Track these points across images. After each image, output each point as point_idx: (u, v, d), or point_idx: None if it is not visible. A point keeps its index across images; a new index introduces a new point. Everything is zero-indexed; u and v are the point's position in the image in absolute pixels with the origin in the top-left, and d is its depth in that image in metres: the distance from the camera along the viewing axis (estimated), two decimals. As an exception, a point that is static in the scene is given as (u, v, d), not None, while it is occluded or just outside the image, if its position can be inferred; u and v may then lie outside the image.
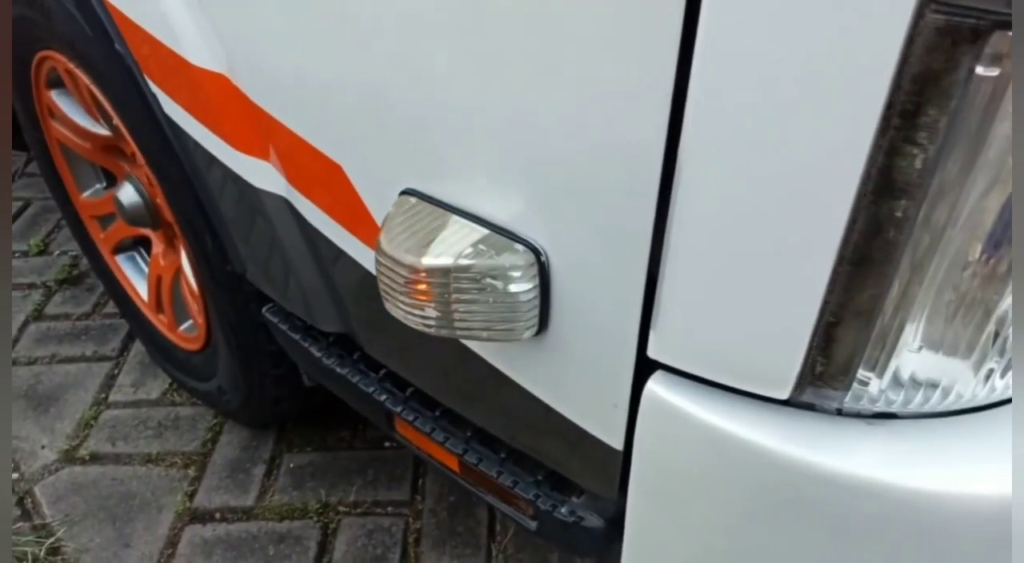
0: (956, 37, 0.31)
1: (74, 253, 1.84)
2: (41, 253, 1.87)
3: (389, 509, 1.27)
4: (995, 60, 0.32)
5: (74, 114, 1.23)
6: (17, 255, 1.88)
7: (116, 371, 1.54)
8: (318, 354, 0.82)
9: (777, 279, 0.42)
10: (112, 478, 1.33)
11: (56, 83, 1.22)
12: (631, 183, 0.44)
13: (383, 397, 0.75)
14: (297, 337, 0.84)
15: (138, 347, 1.57)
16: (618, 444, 0.56)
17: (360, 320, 0.73)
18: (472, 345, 0.60)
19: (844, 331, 0.42)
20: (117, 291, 1.46)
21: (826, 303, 0.41)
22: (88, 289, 1.74)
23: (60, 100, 1.24)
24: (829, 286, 0.40)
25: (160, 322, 1.36)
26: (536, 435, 0.62)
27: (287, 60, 0.63)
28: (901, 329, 0.42)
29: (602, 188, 0.45)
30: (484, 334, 0.53)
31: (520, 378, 0.59)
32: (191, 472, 1.34)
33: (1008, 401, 0.49)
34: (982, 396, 0.46)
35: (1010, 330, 0.42)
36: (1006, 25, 0.31)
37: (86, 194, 1.40)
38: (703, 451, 0.51)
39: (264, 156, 0.72)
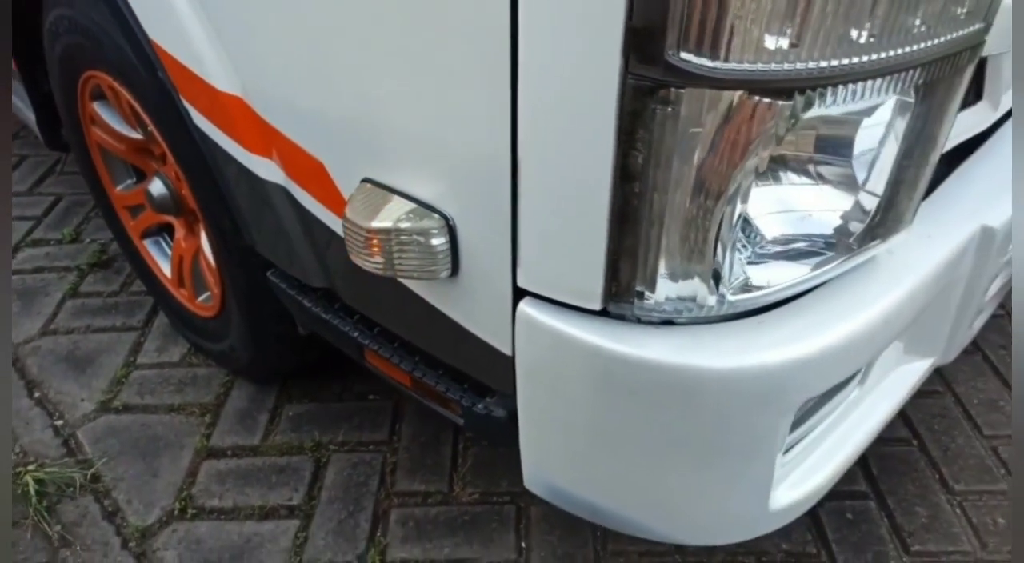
0: (642, 91, 0.58)
1: (102, 241, 2.11)
2: (73, 241, 2.14)
3: (371, 447, 1.53)
4: (666, 102, 0.58)
5: (113, 121, 1.50)
6: (52, 243, 2.15)
7: (142, 339, 1.81)
8: (309, 305, 1.09)
9: (581, 232, 0.68)
10: (142, 424, 1.60)
11: (98, 96, 1.49)
12: (496, 175, 0.70)
13: (356, 334, 1.03)
14: (293, 293, 1.11)
15: (161, 319, 1.84)
16: (508, 351, 0.83)
17: (337, 274, 1.00)
18: (410, 285, 0.87)
19: (623, 264, 0.69)
20: (144, 270, 1.73)
21: (609, 246, 0.67)
22: (116, 271, 2.01)
23: (101, 110, 1.50)
24: (608, 235, 0.67)
25: (181, 295, 1.63)
26: (458, 349, 0.89)
27: (285, 88, 0.90)
28: (656, 263, 0.68)
29: (480, 177, 0.72)
30: (415, 274, 0.80)
31: (444, 308, 0.86)
32: (207, 419, 1.60)
33: (752, 312, 0.75)
34: (724, 308, 0.73)
35: (725, 262, 0.69)
36: (668, 84, 0.57)
37: (119, 188, 1.67)
38: (556, 350, 0.77)
39: (269, 156, 0.99)
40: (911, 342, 1.02)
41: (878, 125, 0.74)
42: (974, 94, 0.87)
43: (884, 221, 0.79)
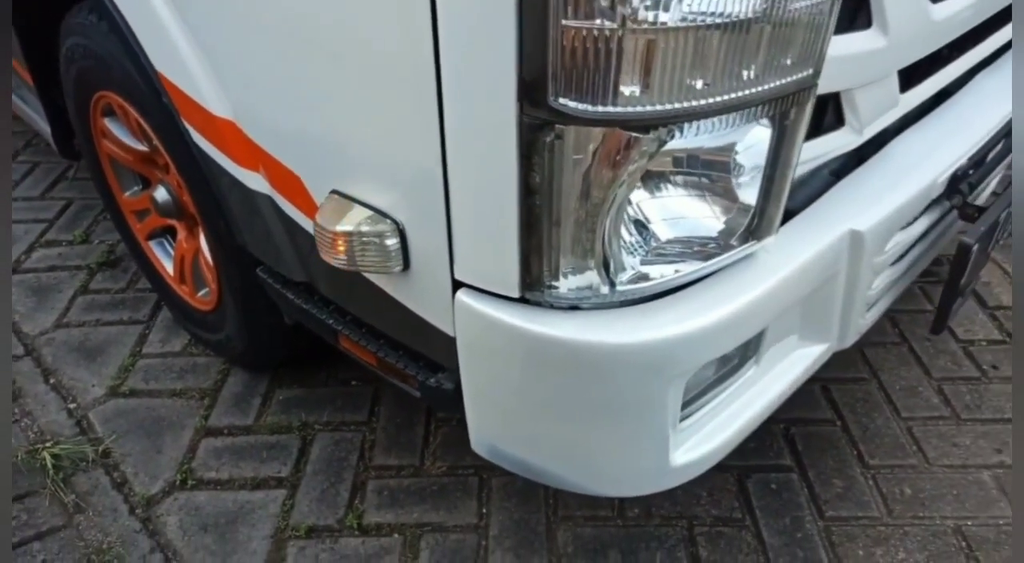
0: (534, 128, 0.75)
1: (110, 242, 2.30)
2: (83, 242, 2.32)
3: (351, 427, 1.71)
4: (552, 136, 0.76)
5: (121, 135, 1.68)
6: (63, 244, 2.33)
7: (147, 331, 1.99)
8: (292, 297, 1.27)
9: (499, 234, 0.86)
10: (147, 407, 1.78)
11: (109, 113, 1.67)
12: (433, 189, 0.88)
13: (331, 321, 1.21)
14: (279, 286, 1.29)
15: (164, 313, 2.02)
16: (451, 332, 1.01)
17: (314, 270, 1.18)
18: (371, 278, 1.05)
19: (532, 260, 0.86)
20: (149, 269, 1.91)
21: (520, 246, 0.85)
22: (123, 270, 2.20)
23: (111, 125, 1.68)
24: (519, 237, 0.84)
25: (183, 291, 1.81)
26: (412, 332, 1.07)
27: (269, 115, 1.08)
28: (558, 259, 0.86)
29: (421, 191, 0.90)
30: (374, 269, 0.98)
31: (399, 297, 1.04)
32: (205, 402, 1.78)
33: (652, 297, 0.93)
34: (616, 296, 0.90)
35: (613, 258, 0.86)
36: (552, 123, 0.75)
37: (127, 194, 1.85)
38: (486, 330, 0.95)
39: (256, 170, 1.17)
40: (804, 329, 1.20)
41: (749, 148, 0.92)
42: (836, 121, 1.04)
43: (758, 226, 0.97)
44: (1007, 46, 1.52)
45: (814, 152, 1.03)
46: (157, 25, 1.18)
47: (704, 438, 1.09)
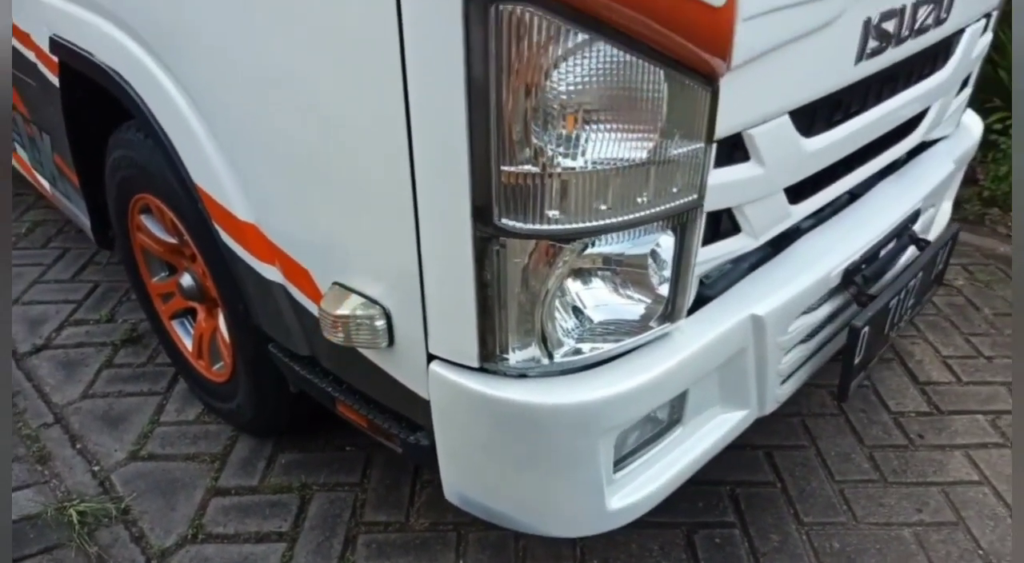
0: (484, 239, 1.02)
1: (133, 321, 2.55)
2: (109, 321, 2.58)
3: (346, 487, 1.92)
4: (498, 245, 1.02)
5: (155, 229, 1.96)
6: (90, 322, 2.58)
7: (164, 402, 2.22)
8: (298, 368, 1.51)
9: (461, 318, 1.11)
10: (163, 469, 1.99)
11: (145, 210, 1.95)
12: (411, 284, 1.14)
13: (329, 389, 1.45)
14: (287, 360, 1.54)
15: (180, 385, 2.25)
16: (427, 396, 1.25)
17: (317, 346, 1.43)
18: (363, 352, 1.30)
19: (487, 338, 1.11)
20: (170, 345, 2.16)
21: (478, 327, 1.10)
22: (144, 346, 2.44)
23: (147, 221, 1.96)
24: (476, 320, 1.10)
25: (200, 365, 2.05)
26: (395, 396, 1.31)
27: (284, 222, 1.35)
28: (507, 337, 1.11)
29: (403, 285, 1.16)
30: (366, 345, 1.23)
31: (385, 367, 1.28)
32: (216, 465, 2.00)
33: (588, 367, 1.17)
34: (555, 367, 1.15)
35: (550, 337, 1.11)
36: (497, 236, 1.01)
37: (155, 279, 2.11)
38: (453, 394, 1.19)
39: (273, 264, 1.44)
40: (725, 397, 1.43)
41: (660, 250, 1.18)
42: (733, 228, 1.31)
43: (671, 311, 1.22)
44: (901, 160, 1.82)
45: (717, 253, 1.28)
46: (196, 145, 1.47)
47: (637, 488, 1.31)
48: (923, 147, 1.93)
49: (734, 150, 1.17)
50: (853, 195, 1.73)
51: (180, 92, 1.43)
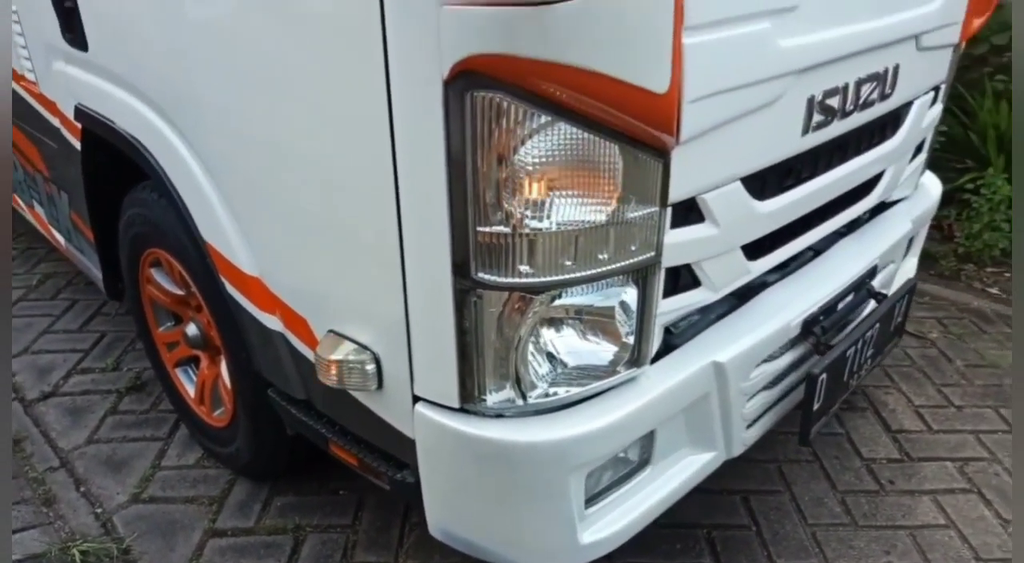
0: (463, 291, 1.14)
1: (138, 369, 2.65)
2: (114, 370, 2.68)
3: (338, 529, 2.00)
4: (475, 296, 1.14)
5: (164, 282, 2.08)
6: (97, 371, 2.69)
7: (166, 447, 2.31)
8: (295, 411, 1.62)
9: (443, 363, 1.23)
10: (163, 511, 2.07)
11: (155, 264, 2.08)
12: (399, 333, 1.26)
13: (323, 430, 1.55)
14: (285, 403, 1.65)
15: (182, 431, 2.35)
16: (412, 436, 1.35)
17: (312, 389, 1.54)
18: (355, 394, 1.41)
19: (467, 381, 1.22)
20: (173, 392, 2.27)
21: (458, 370, 1.22)
22: (148, 394, 2.54)
23: (156, 274, 2.09)
24: (456, 365, 1.21)
25: (201, 411, 2.16)
26: (385, 435, 1.42)
27: (285, 276, 1.48)
28: (484, 380, 1.22)
29: (391, 333, 1.28)
30: (357, 388, 1.35)
31: (375, 408, 1.39)
32: (214, 508, 2.08)
33: (553, 409, 1.28)
34: (530, 407, 1.26)
35: (524, 380, 1.23)
36: (475, 288, 1.14)
37: (162, 329, 2.23)
38: (436, 433, 1.30)
39: (274, 313, 1.56)
40: (692, 439, 1.54)
41: (625, 302, 1.30)
42: (693, 282, 1.43)
43: (637, 357, 1.34)
44: (864, 218, 1.96)
45: (679, 304, 1.41)
46: (206, 205, 1.60)
47: (608, 523, 1.40)
48: (884, 207, 2.07)
49: (690, 212, 1.30)
50: (817, 251, 1.86)
51: (193, 156, 1.58)
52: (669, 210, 1.22)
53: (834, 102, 1.48)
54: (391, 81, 1.06)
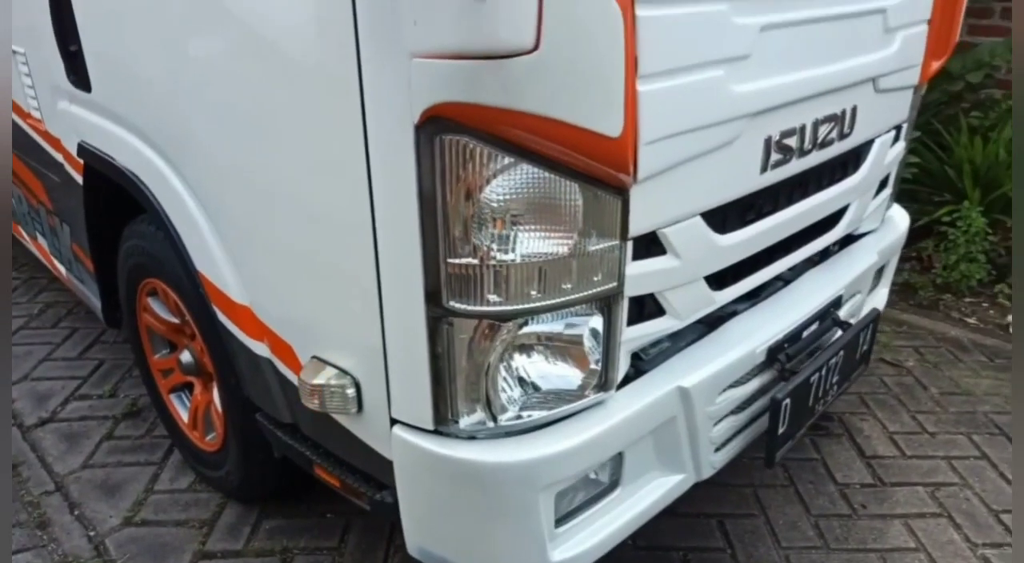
0: (436, 318, 1.22)
1: (134, 396, 2.72)
2: (111, 396, 2.75)
3: (324, 552, 2.05)
4: (447, 324, 1.22)
5: (160, 310, 2.16)
6: (94, 397, 2.76)
7: (159, 472, 2.37)
8: (281, 434, 1.69)
9: (417, 388, 1.30)
10: (155, 534, 2.13)
11: (151, 294, 2.17)
12: (377, 359, 1.34)
13: (309, 452, 1.62)
14: (272, 427, 1.72)
15: (175, 456, 2.41)
16: (390, 457, 1.42)
17: (297, 413, 1.62)
18: (337, 418, 1.48)
19: (440, 404, 1.30)
20: (167, 417, 2.33)
21: (432, 394, 1.29)
22: (143, 420, 2.61)
23: (153, 303, 2.18)
24: (430, 389, 1.29)
25: (194, 435, 2.22)
26: (365, 457, 1.48)
27: (272, 306, 1.56)
28: (457, 404, 1.29)
29: (370, 360, 1.36)
30: (338, 411, 1.42)
31: (355, 431, 1.47)
32: (204, 530, 2.13)
33: (524, 430, 1.35)
34: (500, 429, 1.33)
35: (494, 404, 1.30)
36: (446, 316, 1.22)
37: (157, 356, 2.31)
38: (412, 454, 1.37)
39: (262, 340, 1.64)
40: (661, 462, 1.60)
41: (593, 329, 1.38)
42: (659, 311, 1.51)
43: (604, 382, 1.41)
44: (833, 249, 2.05)
45: (645, 332, 1.48)
46: (199, 237, 1.69)
47: (578, 542, 1.46)
48: (853, 239, 2.16)
49: (652, 245, 1.38)
50: (787, 281, 1.94)
51: (187, 192, 1.67)
52: (630, 243, 1.31)
53: (792, 142, 1.57)
54: (367, 125, 1.15)
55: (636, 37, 1.12)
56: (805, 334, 1.82)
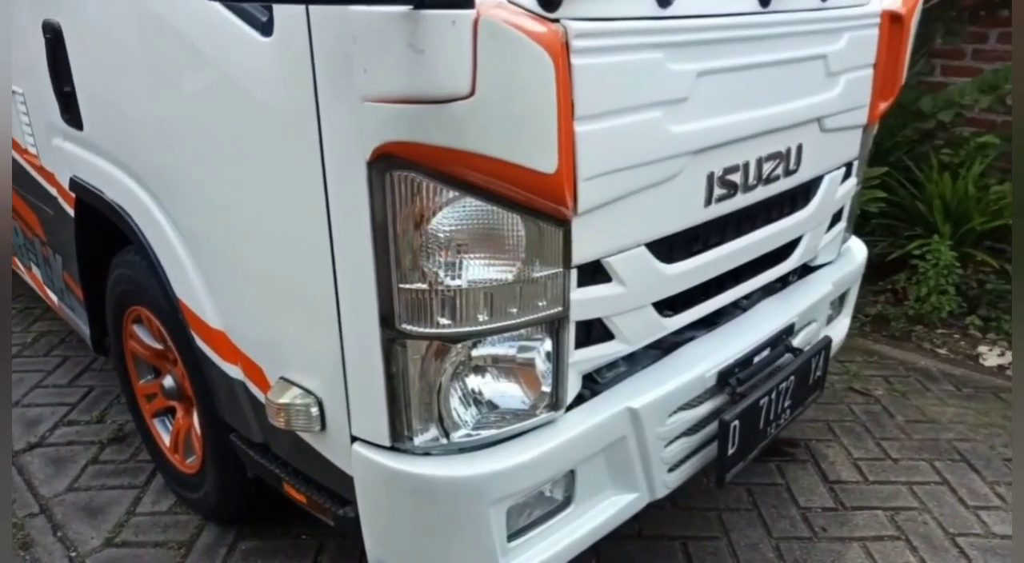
0: (390, 340, 1.31)
1: (120, 422, 2.80)
2: (99, 422, 2.83)
3: (298, 572, 2.12)
4: (400, 345, 1.31)
5: (145, 337, 2.25)
6: (82, 423, 2.83)
7: (142, 495, 2.44)
8: (253, 453, 1.77)
9: (374, 407, 1.39)
10: (134, 555, 2.19)
11: (137, 321, 2.26)
12: (337, 381, 1.43)
13: (278, 470, 1.70)
14: (245, 446, 1.80)
15: (158, 480, 2.48)
16: (351, 473, 1.50)
17: (267, 432, 1.70)
18: (302, 436, 1.56)
19: (395, 422, 1.38)
20: (151, 441, 2.41)
21: (387, 413, 1.38)
22: (128, 445, 2.68)
23: (138, 329, 2.27)
24: (386, 407, 1.37)
25: (175, 458, 2.30)
26: (328, 473, 1.56)
27: (246, 329, 1.66)
28: (411, 422, 1.38)
29: (331, 381, 1.44)
30: (303, 429, 1.50)
31: (319, 448, 1.55)
32: (182, 551, 2.19)
33: (477, 447, 1.43)
34: (453, 446, 1.41)
35: (446, 421, 1.39)
36: (399, 338, 1.31)
37: (142, 381, 2.39)
38: (370, 470, 1.45)
39: (236, 364, 1.73)
40: (614, 481, 1.68)
41: (544, 351, 1.46)
42: (607, 335, 1.60)
43: (555, 402, 1.49)
44: (793, 278, 2.14)
45: (595, 355, 1.57)
46: (179, 266, 1.79)
47: (531, 556, 1.53)
48: (809, 270, 2.26)
49: (597, 272, 1.48)
50: (745, 309, 2.03)
51: (168, 222, 1.77)
52: (575, 270, 1.40)
53: (735, 178, 1.67)
54: (325, 161, 1.26)
55: (572, 83, 1.23)
56: (756, 359, 1.90)
